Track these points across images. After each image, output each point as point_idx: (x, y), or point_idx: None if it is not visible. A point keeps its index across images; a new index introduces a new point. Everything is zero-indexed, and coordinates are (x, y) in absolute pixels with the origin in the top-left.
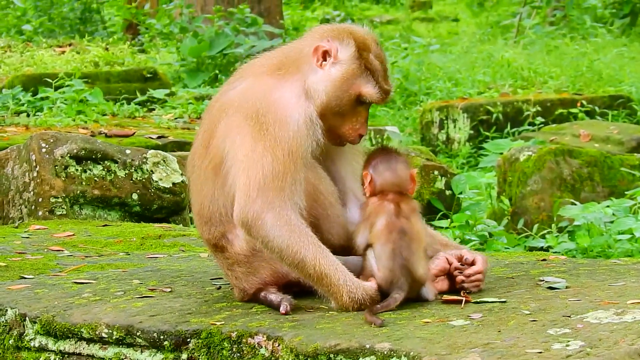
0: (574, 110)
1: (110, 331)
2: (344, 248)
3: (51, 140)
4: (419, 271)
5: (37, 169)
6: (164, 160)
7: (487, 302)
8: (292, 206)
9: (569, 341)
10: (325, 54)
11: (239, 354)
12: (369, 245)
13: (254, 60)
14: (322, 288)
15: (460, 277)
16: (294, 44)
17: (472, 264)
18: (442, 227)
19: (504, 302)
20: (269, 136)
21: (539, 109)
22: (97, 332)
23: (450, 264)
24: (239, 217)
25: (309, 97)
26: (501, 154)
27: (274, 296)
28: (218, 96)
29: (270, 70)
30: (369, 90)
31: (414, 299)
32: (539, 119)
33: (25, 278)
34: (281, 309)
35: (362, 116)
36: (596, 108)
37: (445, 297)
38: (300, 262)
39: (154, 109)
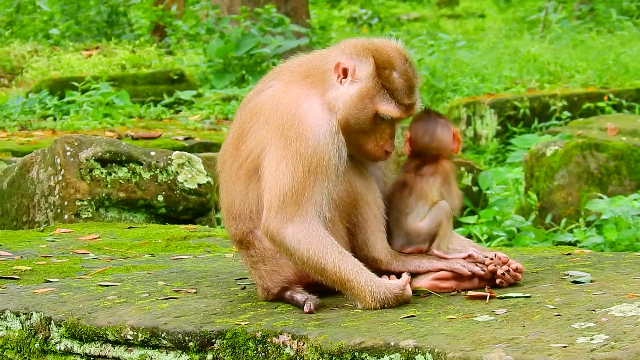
0: (600, 104)
1: (136, 333)
2: (379, 260)
3: (76, 144)
4: (415, 224)
5: (62, 172)
6: (188, 162)
7: (512, 297)
8: (311, 218)
9: (593, 335)
10: (345, 71)
11: (264, 354)
12: None
13: (287, 64)
14: (346, 292)
15: (505, 267)
16: (323, 53)
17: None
18: (469, 224)
19: (529, 297)
20: (291, 152)
21: (565, 103)
22: (122, 334)
23: (486, 265)
24: (262, 231)
25: (332, 110)
26: (529, 149)
27: (299, 295)
28: (252, 95)
29: (299, 78)
30: (386, 108)
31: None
32: (566, 114)
33: (50, 281)
34: (305, 307)
35: (386, 133)
36: (623, 101)
37: (470, 293)
38: (322, 270)
39: (180, 111)
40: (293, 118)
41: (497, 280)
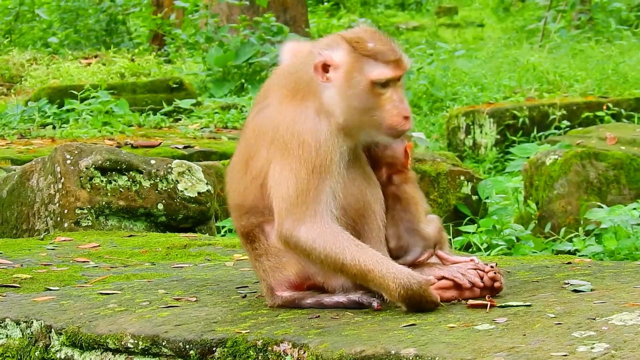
0: (600, 114)
1: (136, 341)
2: None
3: (76, 152)
4: (425, 230)
5: (62, 180)
6: (189, 170)
7: (512, 306)
8: (321, 216)
9: (593, 344)
10: (325, 66)
11: None
12: None
13: (275, 80)
14: (370, 284)
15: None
16: (303, 62)
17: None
18: (469, 232)
19: (529, 305)
20: (294, 158)
21: (565, 112)
22: (122, 343)
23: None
24: (277, 237)
25: (329, 114)
26: (528, 158)
27: (356, 295)
28: (252, 115)
29: (291, 95)
30: (377, 72)
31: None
32: (565, 123)
33: (50, 290)
34: (374, 304)
35: (393, 99)
36: (622, 111)
37: (471, 301)
38: (342, 266)
39: (180, 119)
40: (293, 134)
41: (496, 284)
